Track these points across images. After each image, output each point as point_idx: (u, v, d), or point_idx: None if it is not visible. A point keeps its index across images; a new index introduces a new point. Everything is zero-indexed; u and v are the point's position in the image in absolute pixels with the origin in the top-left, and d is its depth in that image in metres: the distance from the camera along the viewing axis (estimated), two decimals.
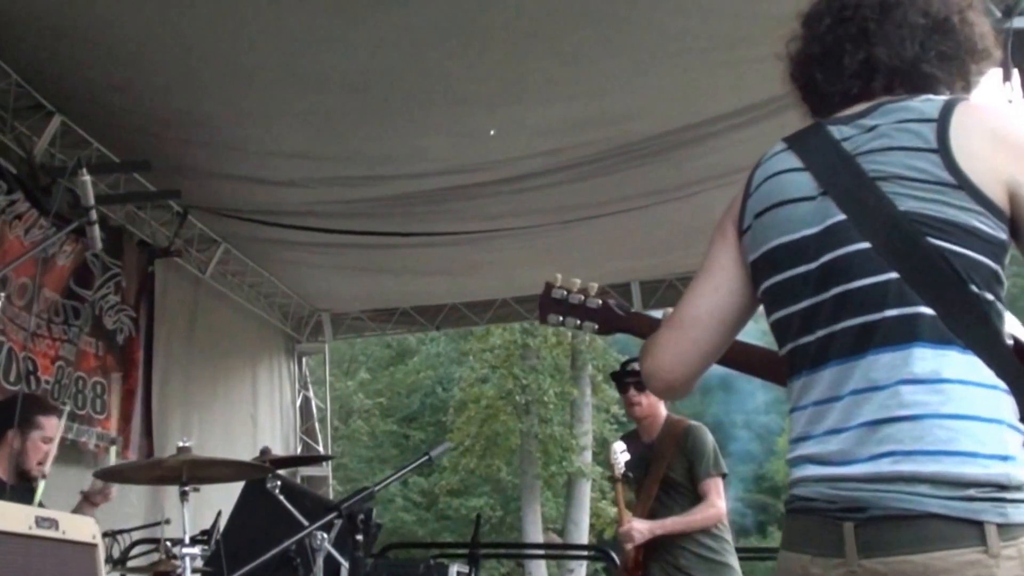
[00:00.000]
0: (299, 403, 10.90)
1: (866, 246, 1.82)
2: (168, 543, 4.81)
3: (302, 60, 5.80)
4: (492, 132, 6.58)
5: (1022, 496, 1.71)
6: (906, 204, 1.80)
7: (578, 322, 2.46)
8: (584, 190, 7.38)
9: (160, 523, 6.09)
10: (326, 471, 10.75)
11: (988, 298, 1.78)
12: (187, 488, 4.08)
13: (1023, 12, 5.06)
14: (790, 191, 1.96)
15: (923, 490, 1.70)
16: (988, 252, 1.78)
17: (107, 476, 4.84)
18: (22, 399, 5.20)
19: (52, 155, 6.50)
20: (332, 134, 6.74)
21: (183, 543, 3.99)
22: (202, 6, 5.34)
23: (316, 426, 11.04)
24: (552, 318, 2.48)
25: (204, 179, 7.37)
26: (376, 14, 5.39)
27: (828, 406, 1.84)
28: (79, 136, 6.67)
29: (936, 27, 1.99)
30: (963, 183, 1.78)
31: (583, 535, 21.03)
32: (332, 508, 3.39)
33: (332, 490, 10.78)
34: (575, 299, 2.46)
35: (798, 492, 1.87)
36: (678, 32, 5.58)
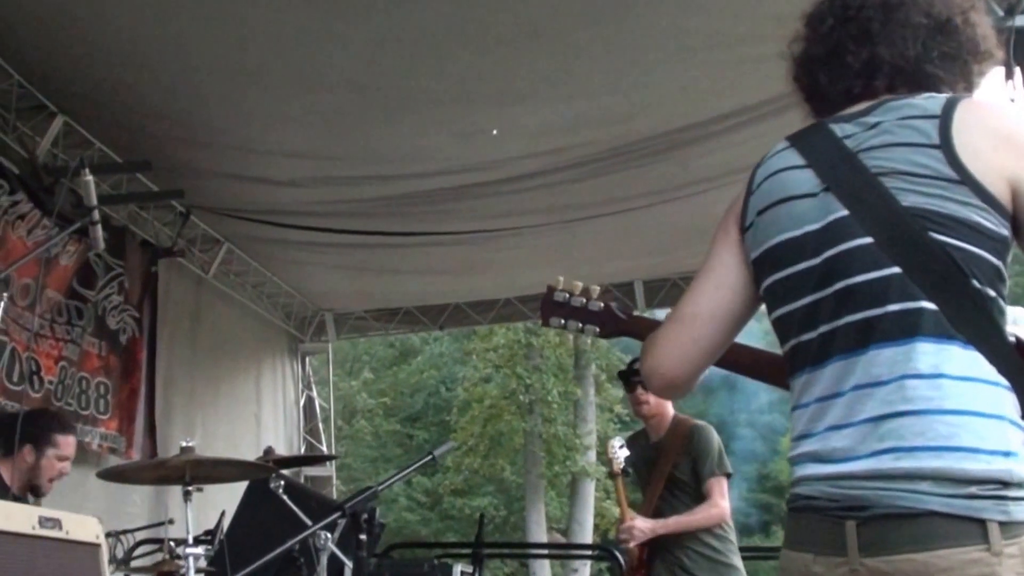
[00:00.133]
0: (303, 403, 10.89)
1: (868, 241, 1.83)
2: (172, 543, 4.81)
3: (305, 60, 5.80)
4: (495, 132, 6.57)
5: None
6: (908, 199, 1.81)
7: (580, 325, 2.46)
8: (587, 189, 7.38)
9: (164, 523, 6.11)
10: (330, 471, 10.75)
11: (990, 294, 1.78)
12: (190, 488, 4.08)
13: None
14: (792, 188, 1.96)
15: (924, 487, 1.70)
16: (990, 248, 1.78)
17: (112, 476, 4.84)
18: (40, 415, 5.21)
19: (54, 155, 6.50)
20: (335, 134, 6.74)
21: (187, 543, 4.00)
22: (204, 6, 5.33)
23: (320, 426, 11.03)
24: (554, 321, 2.48)
25: (207, 179, 7.37)
26: (378, 14, 5.39)
27: (830, 402, 1.84)
28: (81, 136, 6.67)
29: (939, 27, 2.00)
30: (965, 179, 1.78)
31: (587, 535, 21.00)
32: (336, 508, 3.39)
33: (336, 490, 10.78)
34: (577, 302, 2.46)
35: (800, 491, 1.87)
36: (680, 31, 5.57)
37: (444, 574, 5.97)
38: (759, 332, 2.53)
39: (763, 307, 2.07)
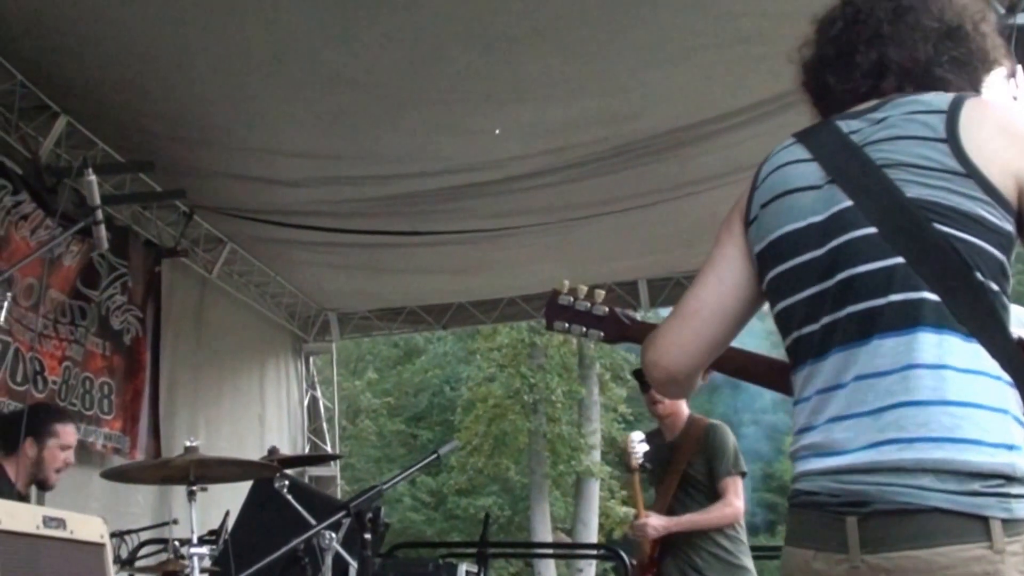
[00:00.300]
0: (307, 403, 10.88)
1: (872, 231, 1.83)
2: (176, 543, 4.82)
3: (308, 59, 5.80)
4: (497, 131, 6.57)
5: None
6: (913, 191, 1.81)
7: (584, 329, 2.46)
8: (591, 188, 7.37)
9: (168, 523, 6.12)
10: (334, 471, 10.75)
11: (993, 288, 1.78)
12: (195, 488, 4.09)
13: None
14: (796, 180, 1.97)
15: (926, 483, 1.69)
16: (994, 242, 1.78)
17: (116, 476, 4.84)
18: (37, 408, 5.23)
19: (57, 155, 6.50)
20: (338, 133, 6.74)
21: (191, 543, 4.01)
22: (208, 5, 5.34)
23: (324, 426, 11.03)
24: (558, 325, 2.49)
25: (210, 179, 7.38)
26: (382, 13, 5.39)
27: (832, 394, 1.84)
28: (84, 136, 6.67)
29: (949, 33, 2.01)
30: (971, 172, 1.79)
31: (592, 535, 20.99)
32: (340, 507, 3.40)
33: (340, 490, 10.78)
34: (582, 306, 2.46)
35: (801, 486, 1.86)
36: (684, 30, 5.57)
37: (449, 574, 5.97)
38: (762, 332, 2.53)
39: (765, 307, 2.07)
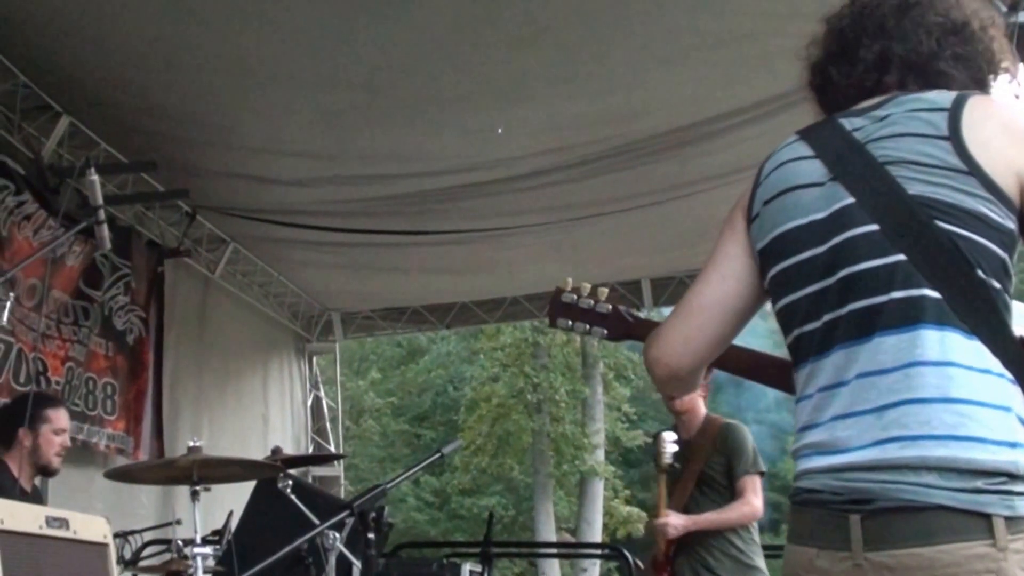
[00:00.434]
0: (310, 403, 10.89)
1: (874, 228, 1.82)
2: (180, 543, 4.81)
3: (310, 59, 5.80)
4: (500, 130, 6.57)
5: None
6: (915, 188, 1.80)
7: (587, 327, 2.47)
8: (593, 187, 7.37)
9: (171, 523, 6.11)
10: (338, 471, 10.74)
11: (995, 285, 1.77)
12: (198, 488, 4.09)
13: None
14: (799, 178, 1.96)
15: (930, 480, 1.69)
16: (996, 240, 1.78)
17: (119, 476, 4.85)
18: (25, 398, 5.25)
19: (60, 156, 6.51)
20: (340, 133, 6.74)
21: (195, 543, 4.00)
22: (210, 5, 5.34)
23: (327, 426, 11.03)
24: (562, 323, 2.49)
25: (212, 179, 7.38)
26: (384, 13, 5.39)
27: (834, 391, 1.83)
28: (87, 137, 6.67)
29: (954, 29, 2.02)
30: (973, 169, 1.78)
31: (596, 534, 20.99)
32: (344, 507, 3.40)
33: (344, 490, 10.77)
34: (585, 304, 2.46)
35: (803, 484, 1.86)
36: (686, 29, 5.56)
37: (453, 573, 5.96)
38: (764, 331, 2.52)
39: (768, 305, 2.06)
